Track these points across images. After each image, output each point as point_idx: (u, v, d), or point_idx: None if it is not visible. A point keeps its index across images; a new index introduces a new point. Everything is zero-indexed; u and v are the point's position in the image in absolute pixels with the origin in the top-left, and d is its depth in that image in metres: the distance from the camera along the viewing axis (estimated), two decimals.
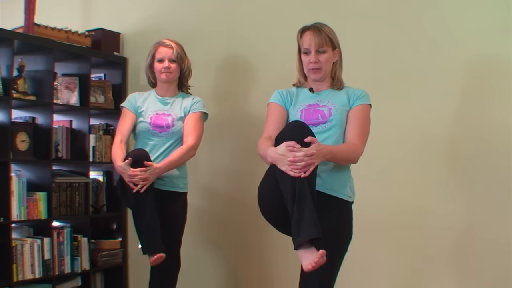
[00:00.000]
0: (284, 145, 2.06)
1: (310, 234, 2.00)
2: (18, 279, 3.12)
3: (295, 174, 2.03)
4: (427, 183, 2.87)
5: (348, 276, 2.19)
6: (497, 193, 2.69)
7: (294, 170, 2.03)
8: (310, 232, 2.00)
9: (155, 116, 3.00)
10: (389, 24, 2.99)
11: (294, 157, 2.03)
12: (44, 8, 3.69)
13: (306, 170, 2.03)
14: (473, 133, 2.78)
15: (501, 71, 2.71)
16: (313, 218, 2.01)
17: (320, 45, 2.35)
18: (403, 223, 2.91)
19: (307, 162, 2.03)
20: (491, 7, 2.75)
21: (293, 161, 2.03)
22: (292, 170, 2.03)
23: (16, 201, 3.16)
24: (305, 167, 2.03)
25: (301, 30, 2.42)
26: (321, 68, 2.38)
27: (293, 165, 2.03)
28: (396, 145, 2.95)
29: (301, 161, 2.03)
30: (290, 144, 2.05)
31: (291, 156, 2.03)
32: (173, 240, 2.93)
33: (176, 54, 3.00)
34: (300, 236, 2.01)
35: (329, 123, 2.33)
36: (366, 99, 2.40)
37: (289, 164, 2.04)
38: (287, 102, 2.43)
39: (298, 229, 2.02)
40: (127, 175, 2.70)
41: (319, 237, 2.01)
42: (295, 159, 2.03)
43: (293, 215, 2.03)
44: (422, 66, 2.89)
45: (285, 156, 2.05)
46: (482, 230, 2.72)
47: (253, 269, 3.44)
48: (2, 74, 3.20)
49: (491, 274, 2.68)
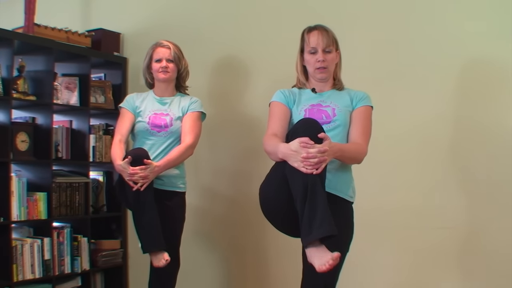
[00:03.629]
0: (298, 141, 2.04)
1: (324, 232, 1.98)
2: (18, 279, 3.12)
3: (307, 170, 2.02)
4: (428, 183, 2.87)
5: (349, 276, 2.19)
6: (497, 194, 2.70)
7: (307, 167, 2.02)
8: (323, 229, 1.98)
9: (153, 116, 3.00)
10: (388, 26, 2.99)
11: (308, 153, 2.02)
12: (44, 8, 3.69)
13: (319, 167, 2.03)
14: (473, 134, 2.78)
15: (501, 72, 2.71)
16: (327, 215, 1.99)
17: (327, 45, 2.37)
18: (403, 224, 2.91)
19: (320, 159, 2.02)
20: (490, 9, 2.75)
21: (307, 157, 2.02)
22: (305, 166, 2.02)
23: (16, 201, 3.16)
24: (318, 164, 2.02)
25: (307, 29, 2.43)
26: (327, 67, 2.39)
27: (306, 161, 2.02)
28: (396, 146, 2.95)
29: (315, 158, 2.02)
30: (304, 141, 2.03)
31: (304, 153, 2.02)
32: (172, 240, 2.92)
33: (173, 54, 3.01)
34: (312, 234, 1.99)
35: (333, 123, 2.34)
36: (368, 101, 2.41)
37: (302, 161, 2.03)
38: (290, 101, 2.43)
39: (310, 226, 1.99)
40: (126, 173, 2.70)
41: (334, 234, 1.99)
42: (308, 155, 2.02)
43: (304, 212, 2.01)
44: (422, 68, 2.90)
45: (297, 153, 2.04)
46: (483, 231, 2.73)
47: (252, 269, 3.44)
48: (2, 74, 3.20)
49: (493, 274, 2.68)
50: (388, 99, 2.91)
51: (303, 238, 2.03)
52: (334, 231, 1.98)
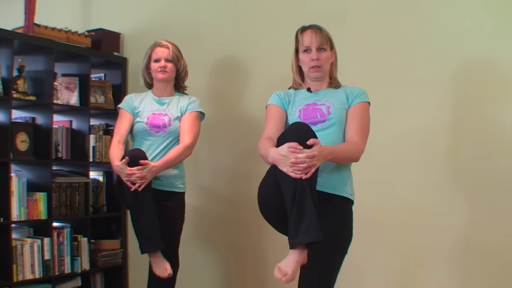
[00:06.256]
0: (286, 146, 2.05)
1: (309, 238, 2.00)
2: (18, 279, 3.12)
3: (296, 175, 2.02)
4: (427, 183, 2.87)
5: (349, 276, 2.19)
6: (497, 194, 2.69)
7: (296, 172, 2.02)
8: (309, 235, 2.00)
9: (151, 116, 3.00)
10: (388, 26, 2.99)
11: (296, 159, 2.02)
12: (44, 8, 3.69)
13: (308, 172, 2.02)
14: (473, 134, 2.78)
15: (501, 72, 2.71)
16: (313, 221, 2.00)
17: (321, 43, 2.37)
18: (403, 224, 2.91)
19: (308, 164, 2.02)
20: (490, 9, 2.75)
21: (295, 163, 2.02)
22: (294, 171, 2.02)
23: (16, 201, 3.16)
24: (307, 169, 2.02)
25: (300, 29, 2.43)
26: (322, 66, 2.38)
27: (295, 167, 2.02)
28: (396, 146, 2.95)
29: (303, 163, 2.01)
30: (292, 146, 2.03)
31: (292, 158, 2.02)
32: (171, 240, 2.93)
33: (172, 54, 3.01)
34: (298, 238, 2.01)
35: (328, 121, 2.33)
36: (364, 97, 2.39)
37: (290, 165, 2.03)
38: (285, 103, 2.43)
39: (296, 230, 2.01)
40: (124, 174, 2.71)
41: (319, 241, 2.01)
42: (297, 161, 2.02)
43: (291, 215, 2.03)
44: (422, 68, 2.89)
45: (286, 157, 2.04)
46: (482, 231, 2.72)
47: (252, 269, 3.44)
48: (2, 74, 3.20)
49: (491, 275, 2.68)
50: (387, 100, 2.91)
51: (290, 240, 2.06)
52: (319, 237, 2.00)
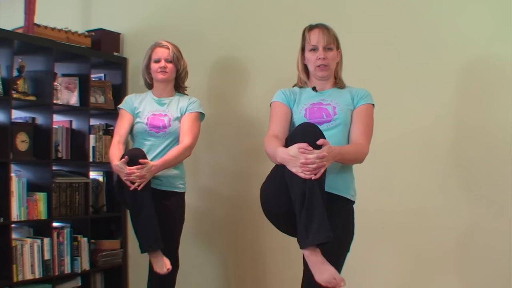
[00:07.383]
0: (296, 147, 2.04)
1: (320, 238, 2.00)
2: (18, 279, 3.12)
3: (306, 176, 2.02)
4: (428, 183, 2.87)
5: (349, 276, 2.19)
6: (497, 194, 2.69)
7: (305, 172, 2.02)
8: (320, 235, 1.99)
9: (151, 117, 3.00)
10: (389, 26, 2.99)
11: (306, 159, 2.01)
12: (44, 8, 3.69)
13: (317, 172, 2.02)
14: (473, 134, 2.78)
15: (501, 73, 2.71)
16: (324, 221, 2.00)
17: (328, 43, 2.37)
18: (403, 224, 2.91)
19: (318, 164, 2.02)
20: (490, 9, 2.75)
21: (305, 163, 2.01)
22: (303, 172, 2.02)
23: (16, 201, 3.16)
24: (316, 169, 2.02)
25: (308, 27, 2.43)
26: (328, 65, 2.39)
27: (305, 167, 2.02)
28: (397, 146, 2.95)
29: (313, 163, 2.01)
30: (302, 146, 2.03)
31: (302, 158, 2.01)
32: (171, 240, 2.92)
33: (172, 54, 3.01)
34: (308, 238, 2.00)
35: (334, 121, 2.33)
36: (369, 98, 2.41)
37: (300, 166, 2.02)
38: (291, 101, 2.42)
39: (306, 231, 2.01)
40: (123, 173, 2.71)
41: (330, 241, 2.01)
42: (307, 161, 2.01)
43: (301, 216, 2.02)
44: (423, 68, 2.89)
45: (296, 158, 2.03)
46: (482, 231, 2.72)
47: (252, 269, 3.44)
48: (2, 74, 3.20)
49: (493, 275, 2.68)
50: (389, 100, 2.90)
51: (300, 241, 2.05)
52: (330, 238, 2.00)
